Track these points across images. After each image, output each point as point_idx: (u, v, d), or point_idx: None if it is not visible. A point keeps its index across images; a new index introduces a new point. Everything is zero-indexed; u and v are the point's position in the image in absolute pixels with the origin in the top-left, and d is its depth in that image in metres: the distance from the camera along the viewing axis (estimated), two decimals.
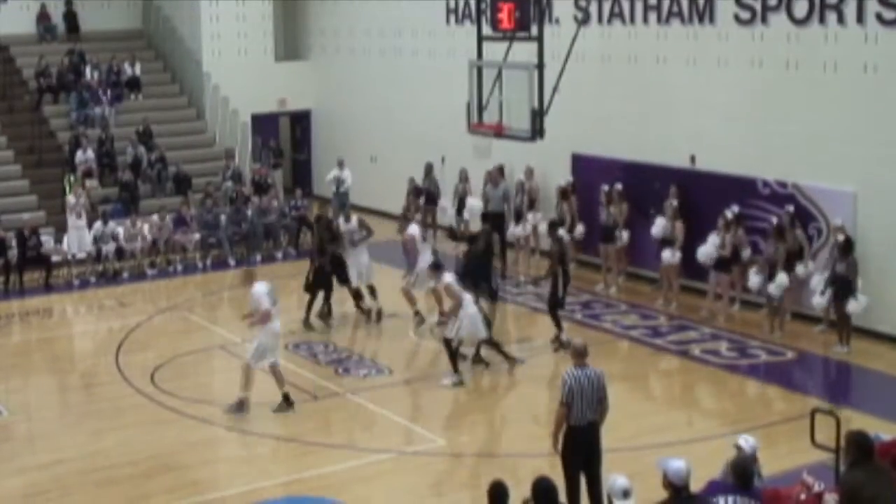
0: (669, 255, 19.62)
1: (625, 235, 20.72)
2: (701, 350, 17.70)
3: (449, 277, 16.96)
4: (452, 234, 20.64)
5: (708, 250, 18.80)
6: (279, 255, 25.05)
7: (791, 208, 18.38)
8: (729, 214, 18.85)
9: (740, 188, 19.23)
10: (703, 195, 19.73)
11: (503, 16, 17.45)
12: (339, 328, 19.27)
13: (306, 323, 19.12)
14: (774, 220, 18.34)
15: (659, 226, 19.83)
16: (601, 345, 18.08)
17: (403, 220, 21.11)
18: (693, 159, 20.40)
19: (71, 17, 30.58)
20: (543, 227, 21.57)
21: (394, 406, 15.62)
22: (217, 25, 29.68)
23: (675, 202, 19.85)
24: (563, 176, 22.29)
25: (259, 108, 29.82)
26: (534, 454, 12.92)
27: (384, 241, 26.32)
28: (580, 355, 11.39)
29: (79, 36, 30.31)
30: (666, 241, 19.74)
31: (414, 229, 19.62)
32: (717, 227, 18.83)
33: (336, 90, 30.17)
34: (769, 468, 12.23)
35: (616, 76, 21.94)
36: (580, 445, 11.31)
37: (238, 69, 29.42)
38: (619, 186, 20.87)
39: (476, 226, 21.78)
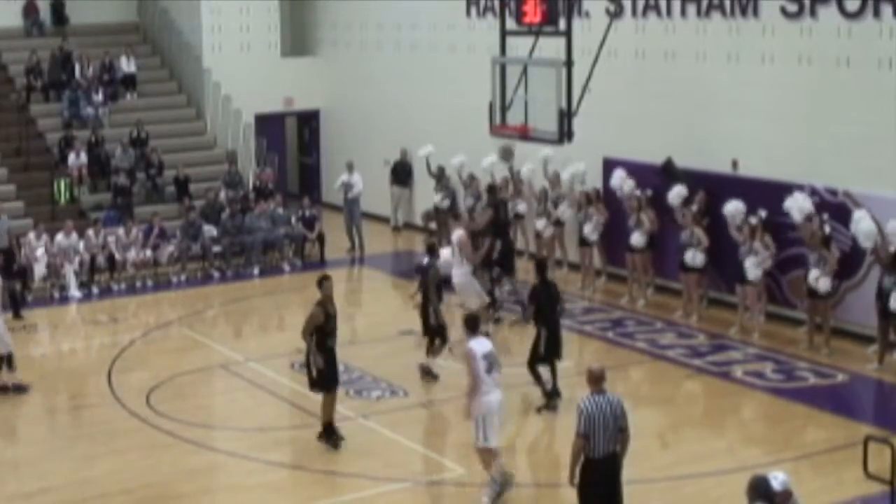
0: (690, 261, 19.78)
1: (641, 239, 20.80)
2: (743, 372, 17.68)
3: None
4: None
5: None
6: (286, 266, 25.13)
7: (825, 216, 18.45)
8: (753, 220, 18.88)
9: (786, 195, 19.15)
10: (745, 203, 19.63)
11: (528, 8, 17.47)
12: (350, 346, 19.26)
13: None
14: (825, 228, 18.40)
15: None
16: (635, 365, 18.14)
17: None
18: (735, 164, 20.38)
19: (60, 10, 30.76)
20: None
21: (409, 431, 15.60)
22: (218, 18, 29.76)
23: (694, 207, 19.95)
24: (593, 181, 22.30)
25: (263, 107, 29.87)
26: (561, 484, 12.85)
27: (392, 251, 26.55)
28: (597, 380, 11.28)
29: (69, 30, 30.48)
30: (686, 250, 19.86)
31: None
32: (741, 235, 18.98)
33: (347, 88, 30.23)
34: (818, 501, 12.25)
35: (651, 74, 21.94)
36: (600, 480, 11.22)
37: (241, 65, 29.49)
38: (648, 192, 20.91)
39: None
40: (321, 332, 14.46)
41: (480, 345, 13.17)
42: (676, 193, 20.27)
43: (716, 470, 14.00)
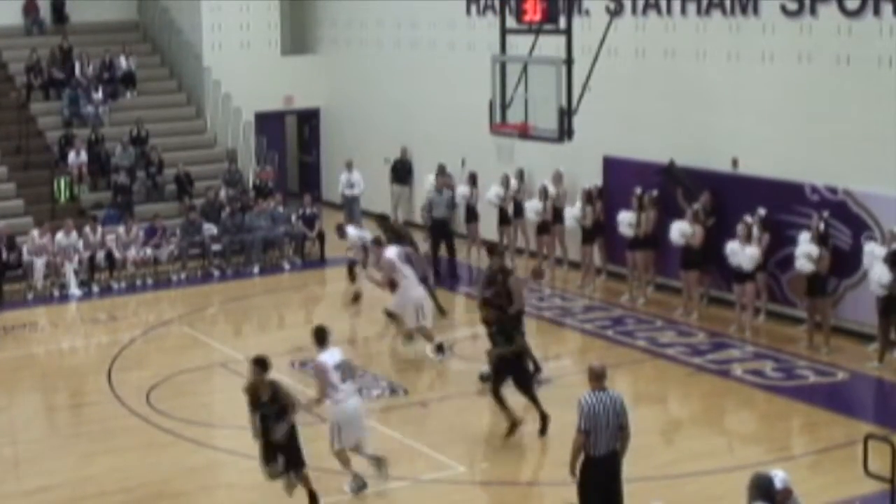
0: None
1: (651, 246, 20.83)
2: (743, 370, 17.67)
3: (390, 252, 18.39)
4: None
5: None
6: (286, 265, 25.11)
7: (826, 213, 18.44)
8: (749, 219, 18.89)
9: (786, 194, 19.16)
10: (745, 202, 19.64)
11: (528, 7, 17.46)
12: (350, 344, 19.23)
13: None
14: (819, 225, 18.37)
15: (677, 231, 19.85)
16: (635, 363, 18.13)
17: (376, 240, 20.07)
18: (735, 162, 20.36)
19: (60, 8, 30.74)
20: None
21: (409, 429, 15.57)
22: (218, 16, 29.74)
23: (696, 205, 19.95)
24: (592, 180, 22.28)
25: (263, 105, 29.85)
26: (561, 482, 12.85)
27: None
28: (598, 378, 11.28)
29: (69, 28, 30.46)
30: (687, 249, 19.85)
31: (392, 252, 18.77)
32: (737, 233, 18.97)
33: (347, 86, 30.21)
34: (818, 499, 12.24)
35: (651, 72, 21.92)
36: (600, 478, 11.21)
37: (241, 64, 29.45)
38: (653, 192, 20.88)
39: None
40: (264, 417, 12.84)
41: (331, 356, 13.44)
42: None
43: (716, 468, 13.98)
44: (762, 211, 19.02)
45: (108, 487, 13.96)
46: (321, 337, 13.55)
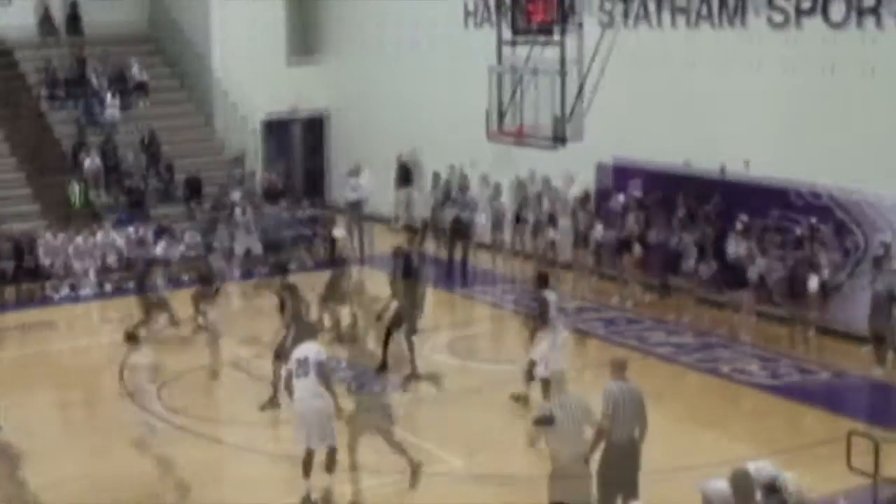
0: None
1: (637, 248, 21.01)
2: (731, 368, 17.86)
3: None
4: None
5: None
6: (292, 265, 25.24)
7: (813, 219, 18.58)
8: (739, 225, 19.06)
9: (772, 198, 19.33)
10: (733, 206, 19.83)
11: (532, 9, 17.68)
12: (351, 343, 19.33)
13: None
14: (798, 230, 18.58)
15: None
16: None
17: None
18: (723, 170, 20.53)
19: (74, 20, 30.96)
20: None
21: (407, 424, 15.63)
22: (227, 27, 29.90)
23: (684, 210, 20.12)
24: (589, 185, 22.46)
25: (270, 112, 30.01)
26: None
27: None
28: (620, 368, 11.66)
29: (83, 39, 30.67)
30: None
31: None
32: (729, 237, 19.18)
33: (351, 91, 30.34)
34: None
35: (644, 81, 22.08)
36: (621, 463, 11.49)
37: (249, 72, 29.56)
38: (637, 195, 21.05)
39: None
40: None
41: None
42: None
43: (702, 464, 14.07)
44: (744, 217, 19.19)
45: (121, 481, 14.10)
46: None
